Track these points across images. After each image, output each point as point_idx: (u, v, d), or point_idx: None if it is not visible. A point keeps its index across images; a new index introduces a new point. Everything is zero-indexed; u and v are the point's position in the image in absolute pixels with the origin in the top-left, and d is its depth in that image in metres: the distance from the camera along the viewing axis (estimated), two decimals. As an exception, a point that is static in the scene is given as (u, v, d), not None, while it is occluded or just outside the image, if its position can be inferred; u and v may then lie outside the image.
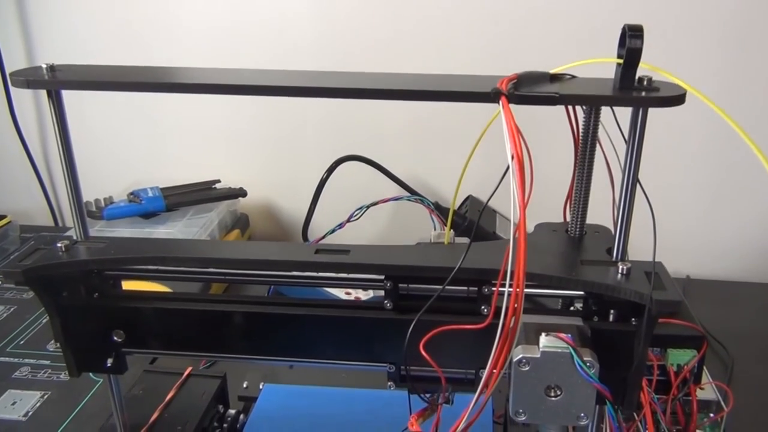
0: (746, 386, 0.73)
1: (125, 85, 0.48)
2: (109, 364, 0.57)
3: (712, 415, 0.70)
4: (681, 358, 0.68)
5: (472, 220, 0.95)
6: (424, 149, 1.10)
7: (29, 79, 0.48)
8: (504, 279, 0.41)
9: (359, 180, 1.00)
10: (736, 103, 0.97)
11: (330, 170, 1.01)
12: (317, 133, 1.12)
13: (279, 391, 0.72)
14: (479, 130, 0.55)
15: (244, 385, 0.75)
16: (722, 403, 0.68)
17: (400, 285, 0.51)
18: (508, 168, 0.38)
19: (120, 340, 0.56)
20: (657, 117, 0.47)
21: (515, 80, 0.44)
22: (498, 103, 0.42)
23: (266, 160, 1.15)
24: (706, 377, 0.70)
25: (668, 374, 0.68)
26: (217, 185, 1.09)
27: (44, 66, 0.49)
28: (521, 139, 0.39)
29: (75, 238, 0.55)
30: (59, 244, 0.53)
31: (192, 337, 0.56)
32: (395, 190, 1.03)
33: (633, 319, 0.50)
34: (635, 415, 0.60)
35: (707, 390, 0.70)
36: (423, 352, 0.45)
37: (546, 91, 0.43)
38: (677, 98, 0.43)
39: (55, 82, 0.48)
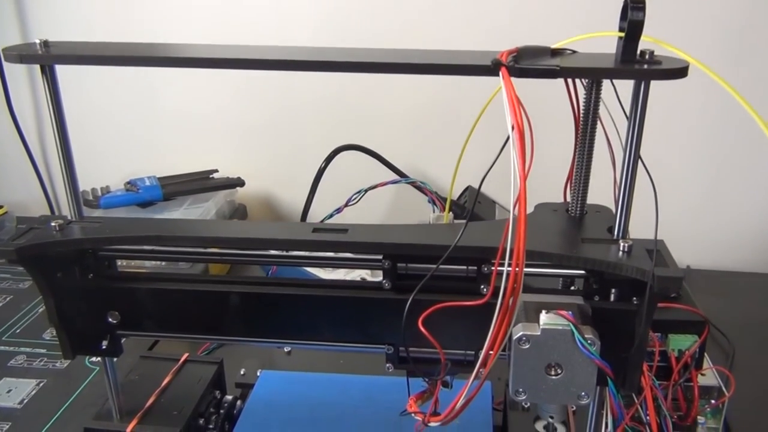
0: (748, 374, 0.72)
1: (119, 60, 0.48)
2: (104, 346, 0.56)
3: (713, 401, 0.69)
4: (682, 343, 0.67)
5: (474, 213, 0.94)
6: (423, 139, 1.09)
7: (22, 53, 0.47)
8: (504, 253, 0.40)
9: (358, 170, 0.99)
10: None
11: (328, 160, 1.00)
12: (316, 123, 1.11)
13: (276, 378, 0.72)
14: (484, 117, 0.54)
15: (242, 372, 0.75)
16: (723, 388, 0.68)
17: (399, 264, 0.51)
18: (508, 139, 0.38)
19: (115, 321, 0.55)
20: (656, 109, 0.47)
21: (515, 54, 0.44)
22: (498, 74, 0.41)
23: (264, 149, 1.14)
24: (707, 363, 0.70)
25: (669, 360, 0.67)
26: (215, 175, 1.09)
27: (38, 41, 0.48)
28: (522, 110, 0.39)
29: (69, 218, 0.54)
30: (53, 224, 0.52)
31: (188, 319, 0.55)
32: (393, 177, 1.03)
33: (634, 298, 0.49)
34: (635, 399, 0.60)
35: (708, 376, 0.69)
36: (422, 328, 0.44)
37: (547, 64, 0.43)
38: (680, 71, 0.42)
39: (48, 56, 0.47)
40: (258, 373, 0.73)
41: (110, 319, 0.55)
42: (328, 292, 0.52)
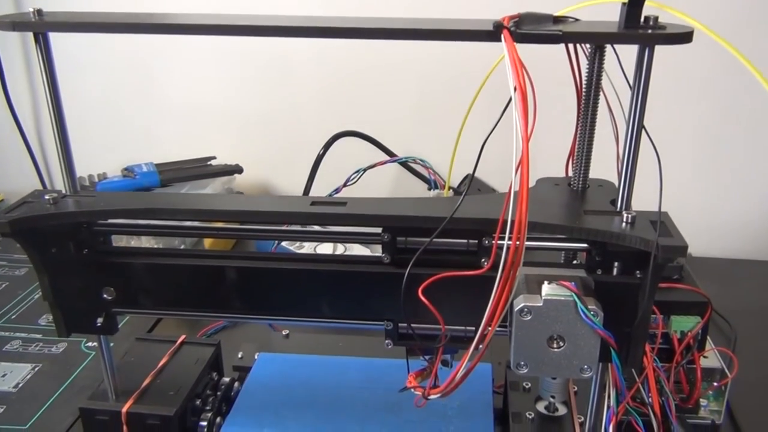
0: (750, 359, 0.71)
1: (112, 27, 0.47)
2: (99, 324, 0.55)
3: (715, 384, 0.68)
4: (684, 324, 0.67)
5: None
6: (422, 126, 1.08)
7: (15, 21, 0.46)
8: (505, 225, 0.40)
9: (356, 156, 0.99)
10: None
11: (327, 146, 1.00)
12: (314, 109, 1.11)
13: (274, 360, 0.71)
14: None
15: (239, 356, 0.74)
16: (726, 370, 0.67)
17: (398, 238, 0.50)
18: (510, 101, 0.37)
19: (110, 298, 0.55)
20: (657, 99, 0.46)
21: (517, 19, 0.43)
22: (500, 39, 0.41)
23: (263, 136, 1.13)
24: (709, 344, 0.69)
25: (671, 342, 0.67)
26: (213, 162, 1.08)
27: (31, 10, 0.47)
28: (525, 72, 0.38)
29: (64, 192, 0.53)
30: (47, 197, 0.51)
31: (184, 295, 0.54)
32: (392, 166, 1.02)
33: (637, 271, 0.48)
34: (636, 378, 0.59)
35: (711, 358, 0.69)
36: (422, 297, 0.44)
37: (549, 30, 0.42)
38: (684, 36, 0.41)
39: (41, 23, 0.46)
40: (256, 356, 0.72)
41: (105, 296, 0.54)
42: (327, 267, 0.51)
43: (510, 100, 0.37)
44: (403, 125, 1.08)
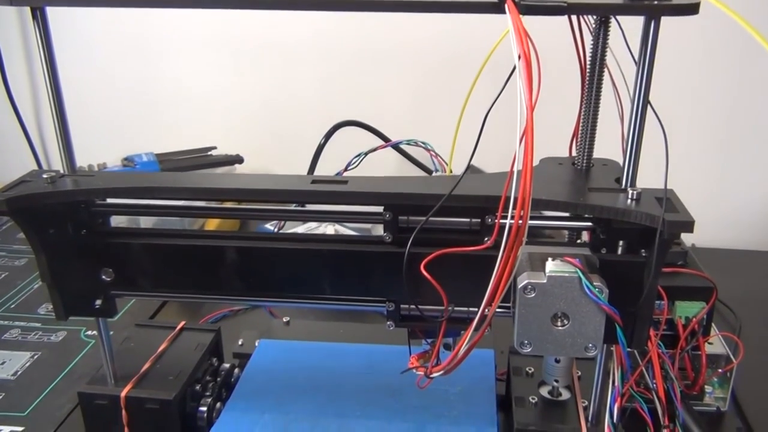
0: (755, 348, 0.71)
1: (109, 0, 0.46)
2: (97, 305, 0.55)
3: (720, 370, 0.68)
4: (689, 310, 0.66)
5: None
6: (423, 115, 1.08)
7: (12, -5, 0.46)
8: (507, 201, 0.39)
9: (357, 145, 0.98)
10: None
11: (327, 136, 0.99)
12: (315, 99, 1.10)
13: (275, 346, 0.70)
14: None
15: (240, 343, 0.73)
16: (731, 356, 0.66)
17: (401, 217, 0.49)
18: (514, 69, 0.36)
19: (109, 279, 0.54)
20: (659, 91, 0.46)
21: (521, -9, 0.42)
22: (504, 10, 0.40)
23: (263, 126, 1.12)
24: (714, 330, 0.68)
25: (676, 328, 0.66)
26: (214, 152, 1.07)
27: (29, -17, 0.47)
28: (529, 41, 0.37)
29: (62, 172, 0.53)
30: (45, 176, 0.51)
31: (184, 276, 0.54)
32: (394, 156, 1.01)
33: (642, 250, 0.47)
34: (639, 361, 0.58)
35: (716, 345, 0.68)
36: (424, 272, 0.43)
37: (553, 1, 0.41)
38: (691, 6, 0.41)
39: (39, -4, 0.46)
40: (256, 344, 0.71)
41: (104, 277, 0.54)
42: (329, 247, 0.51)
43: (514, 68, 0.36)
44: (404, 113, 1.07)
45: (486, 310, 0.42)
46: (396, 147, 0.99)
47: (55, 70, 0.49)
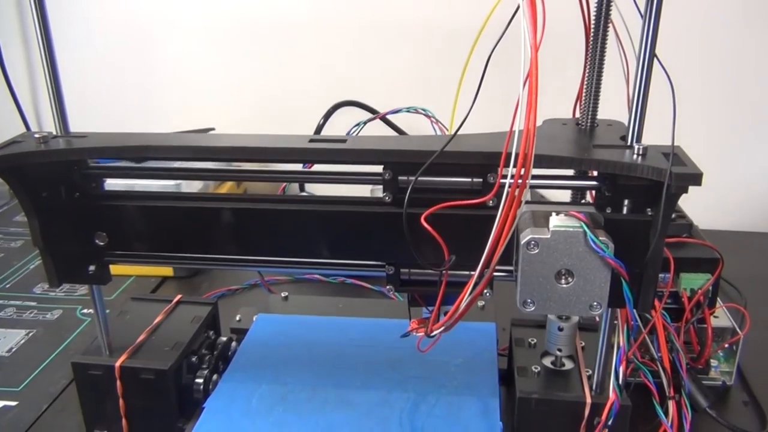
0: (761, 325, 0.69)
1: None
2: (91, 271, 0.54)
3: (726, 345, 0.67)
4: (694, 282, 0.65)
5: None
6: (422, 98, 1.06)
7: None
8: (509, 155, 0.38)
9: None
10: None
11: (327, 116, 0.98)
12: (314, 79, 1.09)
13: (273, 320, 0.69)
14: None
15: (237, 318, 0.72)
16: (737, 328, 0.65)
17: (400, 177, 0.48)
18: (518, 8, 0.35)
19: (102, 243, 0.53)
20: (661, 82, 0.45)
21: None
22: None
23: (261, 106, 1.11)
24: (719, 303, 0.67)
25: (681, 301, 0.65)
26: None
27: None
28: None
29: (54, 133, 0.52)
30: (37, 136, 0.50)
31: (179, 239, 0.52)
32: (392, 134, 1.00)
33: (648, 209, 0.46)
34: (641, 328, 0.57)
35: (721, 318, 0.67)
36: (424, 223, 0.42)
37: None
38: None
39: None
40: (254, 318, 0.70)
41: (97, 241, 0.52)
42: (328, 208, 0.50)
43: (518, 7, 0.35)
44: (403, 94, 1.06)
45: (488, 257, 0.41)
46: (387, 121, 0.97)
47: (45, 20, 0.47)
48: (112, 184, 0.55)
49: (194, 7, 1.09)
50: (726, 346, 0.66)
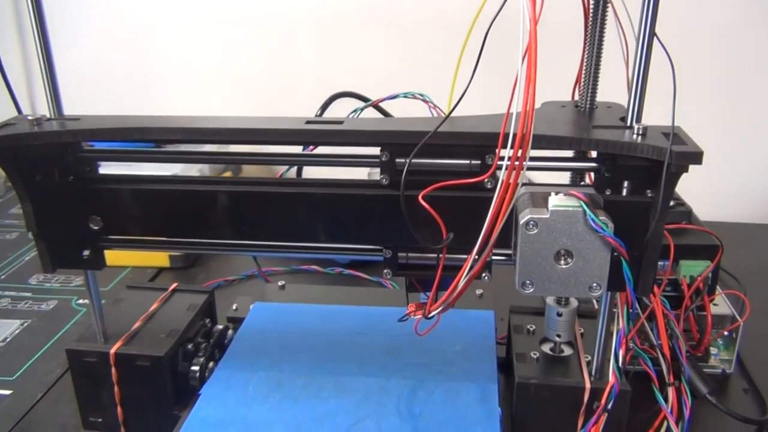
0: (760, 315, 0.69)
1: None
2: (85, 256, 0.53)
3: (726, 333, 0.66)
4: (694, 269, 0.65)
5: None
6: (421, 88, 1.06)
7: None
8: (507, 136, 0.37)
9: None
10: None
11: (324, 107, 0.97)
12: (311, 70, 1.08)
13: (270, 308, 0.69)
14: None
15: (234, 307, 0.71)
16: (737, 316, 0.65)
17: (398, 160, 0.48)
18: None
19: (97, 228, 0.52)
20: (660, 83, 0.45)
21: None
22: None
23: (258, 97, 1.11)
24: (718, 290, 0.67)
25: (680, 288, 0.65)
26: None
27: None
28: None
29: (48, 116, 0.51)
30: (30, 118, 0.49)
31: (174, 223, 0.52)
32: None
33: (648, 190, 0.46)
34: (640, 314, 0.57)
35: (721, 305, 0.67)
36: (422, 201, 0.41)
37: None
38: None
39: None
40: (251, 307, 0.70)
41: (92, 225, 0.52)
42: (324, 191, 0.49)
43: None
44: (401, 85, 1.05)
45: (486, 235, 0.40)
46: (381, 110, 0.96)
47: (41, 11, 0.47)
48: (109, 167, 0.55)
49: (191, 0, 1.08)
50: (725, 333, 0.66)
